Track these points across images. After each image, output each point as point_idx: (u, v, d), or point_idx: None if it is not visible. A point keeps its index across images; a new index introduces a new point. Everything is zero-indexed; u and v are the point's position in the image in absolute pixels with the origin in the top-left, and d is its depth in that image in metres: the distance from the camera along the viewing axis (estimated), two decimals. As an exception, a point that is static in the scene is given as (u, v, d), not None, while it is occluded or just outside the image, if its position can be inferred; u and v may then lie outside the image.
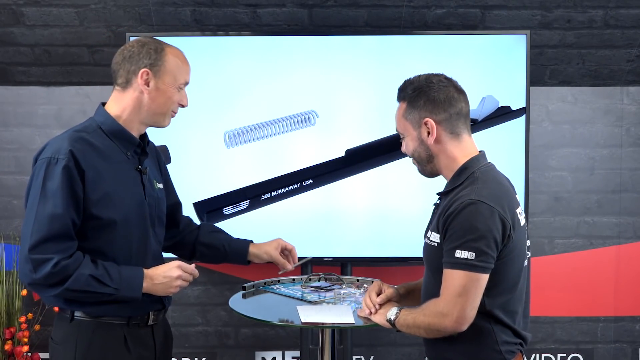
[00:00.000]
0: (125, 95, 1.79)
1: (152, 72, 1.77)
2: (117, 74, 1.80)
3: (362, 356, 3.35)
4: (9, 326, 3.06)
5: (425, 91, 1.73)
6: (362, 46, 2.94)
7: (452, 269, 1.62)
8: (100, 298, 1.71)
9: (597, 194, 3.35)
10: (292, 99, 2.93)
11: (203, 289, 3.32)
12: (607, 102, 3.32)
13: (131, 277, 1.73)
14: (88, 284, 1.66)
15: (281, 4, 3.01)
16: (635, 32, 3.10)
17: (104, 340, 1.75)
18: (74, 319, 1.74)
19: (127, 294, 1.72)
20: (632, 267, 3.36)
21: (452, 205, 1.65)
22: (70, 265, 1.65)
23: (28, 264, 1.64)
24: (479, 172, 1.71)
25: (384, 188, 2.94)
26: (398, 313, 1.77)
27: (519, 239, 1.68)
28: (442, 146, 1.74)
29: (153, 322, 1.85)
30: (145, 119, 1.82)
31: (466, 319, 1.62)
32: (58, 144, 1.71)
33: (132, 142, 1.81)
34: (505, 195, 1.68)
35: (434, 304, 1.67)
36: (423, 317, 1.70)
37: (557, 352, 3.37)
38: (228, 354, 3.34)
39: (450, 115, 1.73)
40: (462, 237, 1.61)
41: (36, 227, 1.65)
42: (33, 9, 2.97)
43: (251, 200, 2.87)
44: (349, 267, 2.98)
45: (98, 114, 1.82)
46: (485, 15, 3.05)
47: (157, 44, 1.80)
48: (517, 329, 1.71)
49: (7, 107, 3.26)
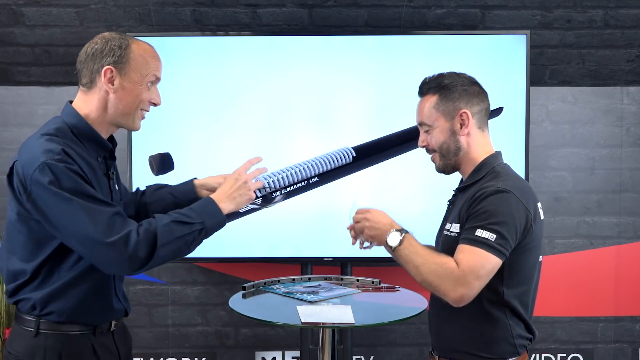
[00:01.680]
0: (91, 96, 1.69)
1: (116, 70, 1.66)
2: (81, 73, 1.70)
3: (362, 356, 3.35)
4: (9, 326, 3.06)
5: (460, 84, 1.78)
6: (362, 46, 2.94)
7: (470, 245, 1.61)
8: (194, 241, 1.64)
9: (597, 194, 3.35)
10: (292, 99, 2.93)
11: (203, 289, 3.32)
12: (607, 102, 3.32)
13: (205, 206, 1.69)
14: (176, 229, 1.60)
15: (281, 4, 3.01)
16: (635, 32, 3.10)
17: (74, 351, 1.67)
18: (39, 332, 1.64)
19: (212, 221, 1.67)
20: (632, 267, 3.36)
21: (477, 194, 1.67)
22: (149, 227, 1.58)
23: (112, 249, 1.54)
24: (499, 167, 1.76)
25: (384, 188, 2.94)
26: (402, 240, 1.70)
27: (538, 231, 1.71)
28: (471, 139, 1.78)
29: (114, 328, 1.78)
30: (113, 120, 1.71)
31: (470, 297, 1.61)
32: (45, 147, 1.57)
33: (103, 148, 1.72)
34: (528, 189, 1.73)
35: (449, 267, 1.61)
36: (434, 266, 1.63)
37: (557, 352, 3.37)
38: (228, 354, 3.34)
39: (481, 109, 1.79)
40: (485, 219, 1.62)
41: (92, 218, 1.53)
42: (33, 9, 2.97)
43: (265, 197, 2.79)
44: (349, 267, 2.98)
45: (67, 114, 1.70)
46: (485, 15, 3.05)
47: (122, 40, 1.68)
48: (530, 324, 1.72)
49: (7, 107, 3.26)
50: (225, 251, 2.96)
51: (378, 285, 2.42)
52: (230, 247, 2.94)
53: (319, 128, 2.94)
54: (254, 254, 2.98)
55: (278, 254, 2.97)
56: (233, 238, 2.91)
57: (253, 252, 2.97)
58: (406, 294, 2.36)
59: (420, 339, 3.31)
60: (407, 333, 3.32)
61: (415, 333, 3.32)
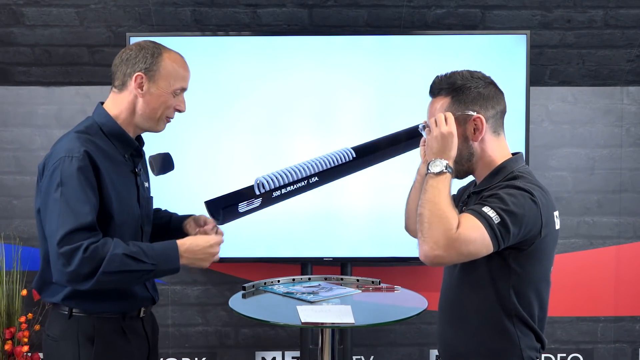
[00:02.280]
0: (121, 97, 1.82)
1: (146, 77, 1.79)
2: (115, 75, 1.83)
3: (362, 356, 3.35)
4: (9, 326, 3.06)
5: (473, 86, 1.65)
6: (362, 46, 2.94)
7: (474, 216, 1.54)
8: (140, 278, 1.71)
9: (597, 194, 3.35)
10: (292, 99, 2.93)
11: (203, 289, 3.32)
12: (607, 102, 3.32)
13: (166, 250, 1.74)
14: (124, 263, 1.65)
15: (281, 4, 3.01)
16: (635, 32, 3.10)
17: (106, 333, 1.77)
18: (73, 315, 1.75)
19: (165, 267, 1.73)
20: (632, 267, 3.36)
21: (494, 187, 1.61)
22: (100, 248, 1.63)
23: (60, 259, 1.62)
24: (519, 172, 1.66)
25: (384, 188, 2.94)
26: (443, 172, 1.59)
27: (551, 240, 1.64)
28: (484, 144, 1.67)
29: (143, 314, 1.89)
30: (139, 123, 1.84)
31: (440, 263, 1.56)
32: (69, 144, 1.71)
33: (130, 145, 1.84)
34: (546, 195, 1.63)
35: (453, 222, 1.53)
36: (440, 212, 1.54)
37: (557, 352, 3.37)
38: (228, 354, 3.34)
39: (497, 112, 1.68)
40: (495, 202, 1.55)
41: (61, 221, 1.63)
42: (33, 9, 2.97)
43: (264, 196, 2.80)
44: (349, 267, 2.98)
45: (98, 114, 1.83)
46: (485, 15, 3.05)
47: (155, 49, 1.82)
48: (539, 332, 1.66)
49: (7, 107, 3.26)
50: (225, 251, 2.93)
51: (378, 285, 2.41)
52: (230, 247, 2.92)
53: (319, 128, 2.94)
54: (254, 254, 2.98)
55: (278, 254, 2.98)
56: (233, 238, 2.90)
57: (253, 252, 2.97)
58: (406, 294, 2.36)
59: (421, 339, 3.31)
60: (407, 333, 3.32)
61: (415, 333, 3.32)
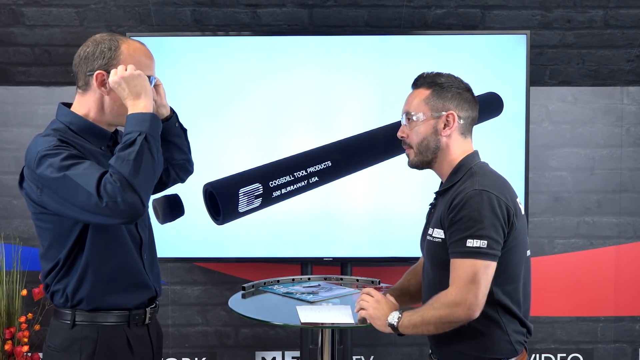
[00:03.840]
0: (87, 98, 1.71)
1: (107, 73, 1.66)
2: (77, 76, 1.71)
3: (362, 356, 3.35)
4: (9, 326, 3.06)
5: (456, 86, 1.78)
6: (362, 46, 2.94)
7: (463, 258, 1.63)
8: (151, 149, 1.59)
9: (597, 194, 3.35)
10: (292, 99, 2.93)
11: (203, 289, 3.32)
12: (607, 102, 3.32)
13: (128, 123, 1.63)
14: (126, 153, 1.56)
15: (281, 4, 3.01)
16: (635, 32, 3.10)
17: (109, 342, 1.71)
18: (76, 324, 1.69)
19: (145, 125, 1.60)
20: (632, 267, 3.36)
21: (456, 199, 1.68)
22: (109, 175, 1.54)
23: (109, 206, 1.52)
24: (476, 167, 1.76)
25: (384, 188, 2.94)
26: (400, 316, 1.74)
27: (521, 226, 1.72)
28: (450, 141, 1.78)
29: (149, 321, 1.82)
30: (110, 120, 1.73)
31: (479, 305, 1.63)
32: (42, 144, 1.61)
33: (104, 136, 1.73)
34: (505, 185, 1.73)
35: (444, 295, 1.66)
36: (433, 311, 1.67)
37: (557, 352, 3.37)
38: (228, 354, 3.34)
39: (469, 117, 1.80)
40: (471, 227, 1.63)
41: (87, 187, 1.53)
42: (33, 9, 2.97)
43: (264, 190, 2.78)
44: (349, 267, 2.98)
45: (62, 114, 1.73)
46: (485, 15, 3.05)
47: (112, 42, 1.68)
48: (523, 319, 1.73)
49: (7, 107, 3.26)
50: (225, 251, 2.96)
51: (378, 285, 2.42)
52: (230, 247, 2.94)
53: (319, 128, 2.94)
54: (254, 254, 2.98)
55: (278, 254, 2.98)
56: (233, 238, 2.91)
57: (253, 252, 2.97)
58: (406, 294, 2.36)
59: (420, 339, 3.31)
60: (411, 334, 3.32)
61: (415, 333, 3.32)
